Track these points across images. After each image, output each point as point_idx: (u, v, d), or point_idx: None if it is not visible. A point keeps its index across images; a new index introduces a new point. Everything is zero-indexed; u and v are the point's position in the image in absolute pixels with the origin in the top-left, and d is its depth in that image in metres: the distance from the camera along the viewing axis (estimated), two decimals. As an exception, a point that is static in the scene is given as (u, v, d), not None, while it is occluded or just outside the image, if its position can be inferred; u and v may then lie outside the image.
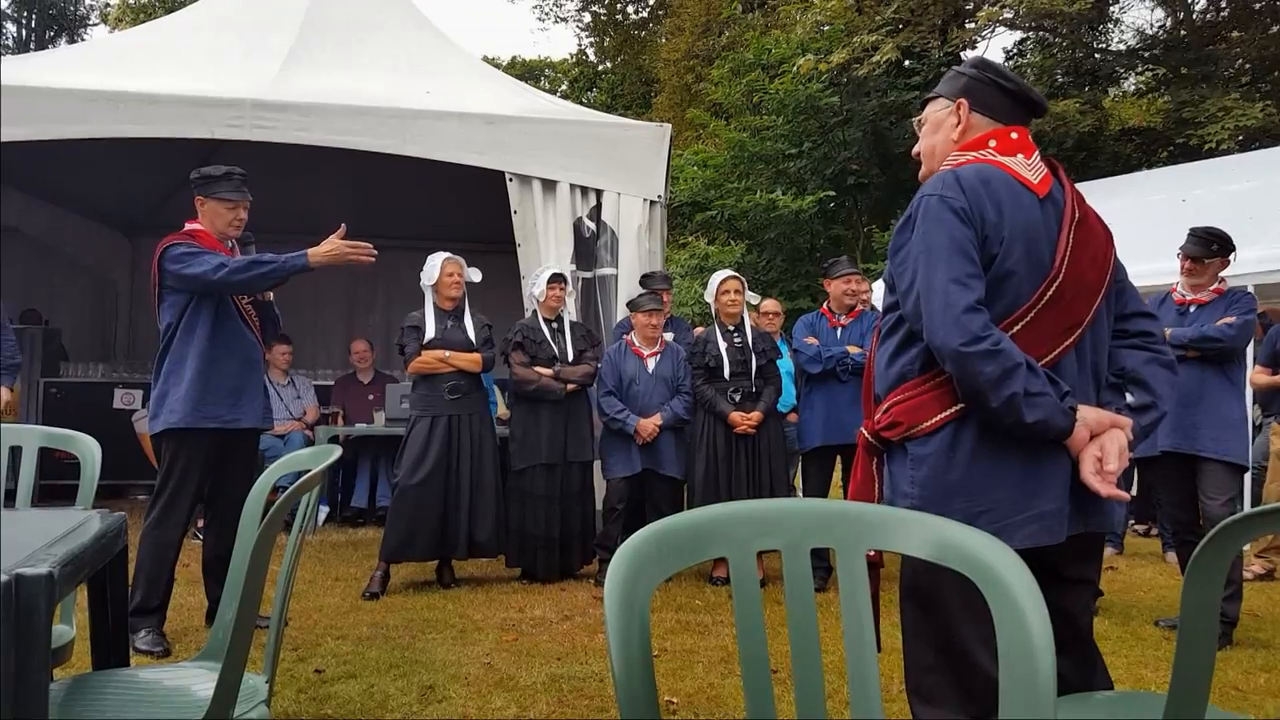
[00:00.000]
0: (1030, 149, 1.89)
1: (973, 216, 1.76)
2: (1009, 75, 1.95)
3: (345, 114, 5.44)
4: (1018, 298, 1.77)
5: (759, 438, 4.94)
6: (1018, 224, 1.78)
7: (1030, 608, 1.01)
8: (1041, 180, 1.85)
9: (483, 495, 4.81)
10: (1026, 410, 1.68)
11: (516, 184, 5.61)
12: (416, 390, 4.89)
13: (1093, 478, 1.71)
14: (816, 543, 1.12)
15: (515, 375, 4.99)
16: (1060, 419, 1.70)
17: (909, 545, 1.11)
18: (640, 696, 0.93)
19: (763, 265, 15.28)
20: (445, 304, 4.89)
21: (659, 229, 5.91)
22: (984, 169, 1.83)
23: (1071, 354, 1.81)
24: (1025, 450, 1.74)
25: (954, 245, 1.74)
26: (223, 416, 3.73)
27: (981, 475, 1.75)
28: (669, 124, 6.19)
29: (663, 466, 5.03)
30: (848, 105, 14.70)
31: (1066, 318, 1.79)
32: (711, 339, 5.07)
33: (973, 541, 1.06)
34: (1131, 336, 1.93)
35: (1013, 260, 1.76)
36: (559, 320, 5.12)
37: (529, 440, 4.95)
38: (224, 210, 3.83)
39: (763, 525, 1.10)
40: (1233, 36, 15.95)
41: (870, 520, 1.12)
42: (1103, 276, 1.85)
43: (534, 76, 26.42)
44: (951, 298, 1.71)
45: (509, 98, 6.38)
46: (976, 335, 1.68)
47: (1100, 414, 1.78)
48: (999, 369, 1.67)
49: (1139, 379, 1.89)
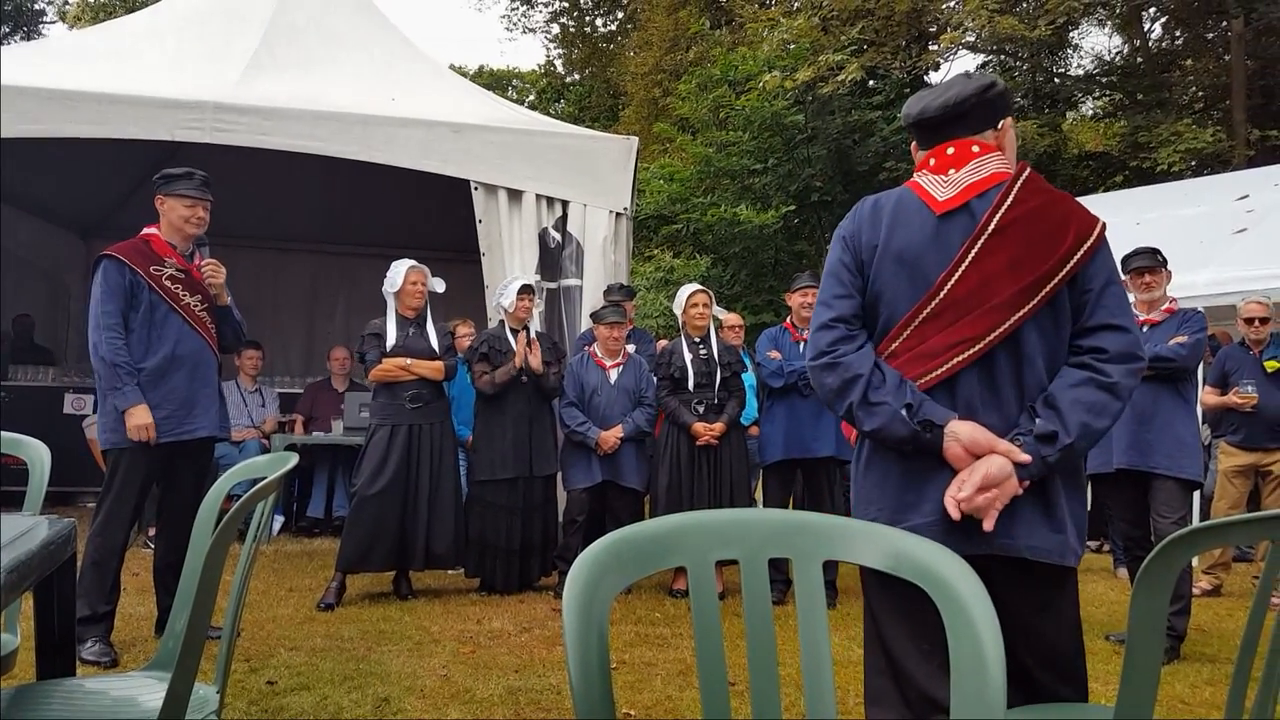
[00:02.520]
0: (967, 159, 1.86)
1: (853, 242, 1.90)
2: (903, 114, 2.03)
3: (308, 119, 5.40)
4: (892, 316, 1.84)
5: (721, 449, 4.97)
6: (895, 244, 1.84)
7: (981, 617, 1.03)
8: (955, 195, 1.82)
9: (442, 506, 4.78)
10: (864, 418, 1.79)
11: (482, 193, 5.60)
12: (377, 399, 4.85)
13: (948, 500, 1.73)
14: (775, 553, 1.13)
15: (477, 386, 4.98)
16: (899, 428, 1.75)
17: (864, 556, 1.13)
18: (598, 708, 0.93)
19: (727, 279, 15.36)
20: (407, 312, 4.86)
21: (625, 241, 5.92)
22: (892, 193, 1.93)
23: (971, 372, 1.78)
24: (909, 464, 1.80)
25: (830, 269, 1.92)
26: (174, 430, 3.66)
27: (872, 484, 1.86)
28: (636, 137, 6.22)
29: (623, 478, 5.04)
30: (812, 123, 14.85)
31: (955, 333, 1.77)
32: (677, 350, 5.10)
33: (925, 552, 1.08)
34: (1083, 353, 1.78)
35: (882, 280, 1.85)
36: (525, 331, 5.11)
37: (493, 452, 4.92)
38: (183, 208, 3.78)
39: (722, 535, 1.11)
40: (1186, 65, 16.41)
41: (827, 531, 1.14)
42: (1030, 287, 1.75)
43: (501, 86, 26.37)
44: (815, 318, 1.91)
45: (476, 107, 6.37)
46: (821, 350, 1.86)
47: (976, 434, 1.73)
48: (837, 380, 1.82)
49: (1052, 403, 1.75)
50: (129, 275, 3.65)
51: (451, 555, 4.82)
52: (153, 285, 3.67)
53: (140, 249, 3.74)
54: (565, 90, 27.35)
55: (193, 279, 3.79)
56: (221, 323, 3.91)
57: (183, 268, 3.78)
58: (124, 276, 3.64)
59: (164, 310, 3.69)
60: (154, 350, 3.66)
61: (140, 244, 3.76)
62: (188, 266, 3.80)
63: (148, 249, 3.75)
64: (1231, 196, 8.08)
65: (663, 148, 18.64)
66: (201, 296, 3.80)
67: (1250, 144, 13.85)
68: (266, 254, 8.88)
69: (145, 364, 3.64)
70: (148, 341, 3.66)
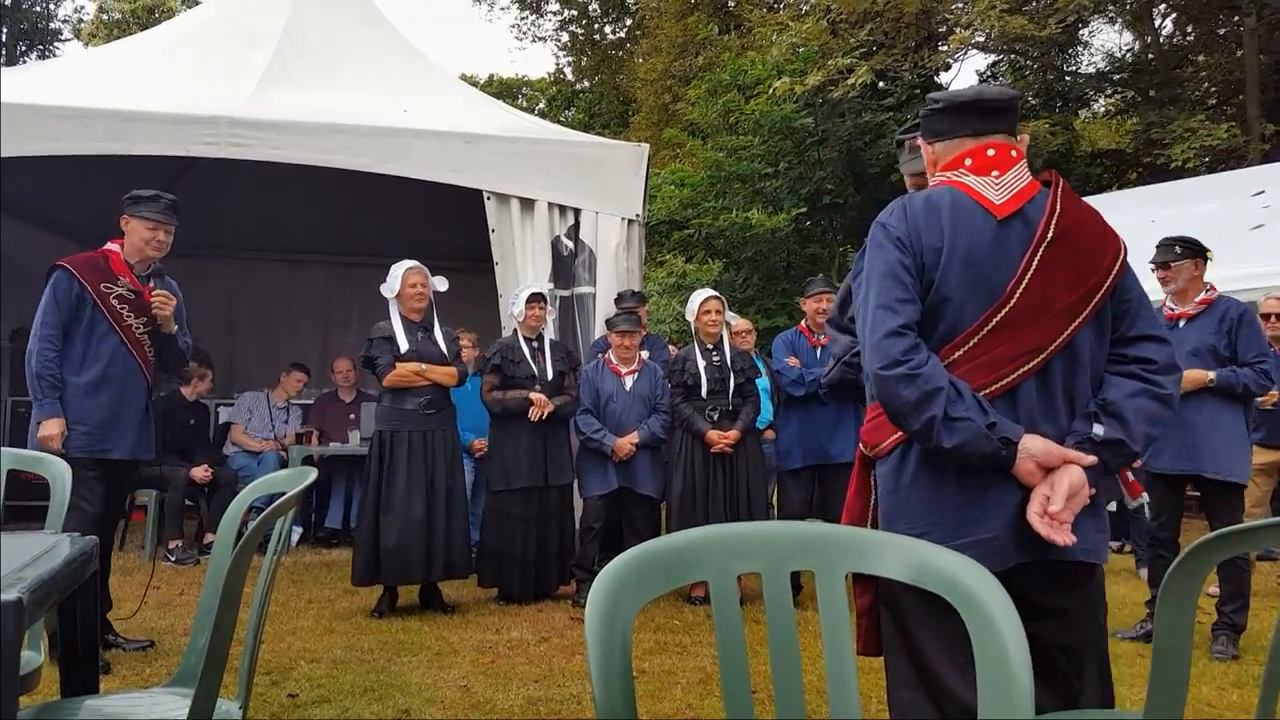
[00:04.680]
0: (1009, 163, 1.87)
1: (911, 243, 1.80)
2: (940, 96, 1.98)
3: (322, 132, 5.43)
4: (958, 323, 1.78)
5: (737, 457, 4.95)
6: (960, 248, 1.78)
7: (1007, 628, 1.02)
8: (1009, 200, 1.82)
9: (455, 514, 4.76)
10: (945, 435, 1.69)
11: (494, 203, 5.62)
12: (384, 404, 4.79)
13: (1035, 518, 1.69)
14: (796, 566, 1.13)
15: (485, 399, 4.97)
16: (983, 445, 1.69)
17: (887, 567, 1.12)
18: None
19: (739, 283, 15.36)
20: (412, 315, 4.80)
21: (637, 247, 5.92)
22: (940, 193, 1.85)
23: (1031, 381, 1.77)
24: (966, 477, 1.75)
25: (887, 271, 1.79)
26: (89, 447, 3.68)
27: (921, 499, 1.78)
28: (646, 143, 6.22)
29: (639, 485, 5.03)
30: (823, 126, 14.84)
31: (1021, 344, 1.76)
32: (690, 357, 5.09)
33: (950, 564, 1.07)
34: (1129, 363, 1.83)
35: (950, 285, 1.77)
36: (539, 339, 5.11)
37: (508, 462, 4.92)
38: (145, 230, 3.84)
39: (743, 548, 1.10)
40: (1199, 60, 16.31)
41: (850, 543, 1.13)
42: (1084, 297, 1.79)
43: (511, 95, 26.48)
44: (877, 322, 1.77)
45: (487, 116, 6.39)
46: (895, 359, 1.72)
47: (1049, 447, 1.73)
48: (916, 393, 1.70)
49: (1116, 412, 1.79)
50: (76, 288, 3.71)
51: (466, 564, 4.81)
52: (98, 302, 3.72)
53: (96, 264, 3.79)
54: (575, 97, 27.44)
55: (142, 301, 3.83)
56: (163, 349, 3.94)
57: (134, 289, 3.82)
58: (72, 289, 3.71)
59: (104, 328, 3.74)
60: (87, 366, 3.72)
61: (99, 258, 3.82)
62: (140, 288, 3.84)
63: (104, 265, 3.80)
64: (1247, 192, 8.02)
65: (673, 153, 18.66)
66: (147, 319, 3.84)
67: (1265, 139, 13.75)
68: (280, 266, 8.94)
69: (77, 378, 3.70)
70: (83, 356, 3.72)
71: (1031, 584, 1.76)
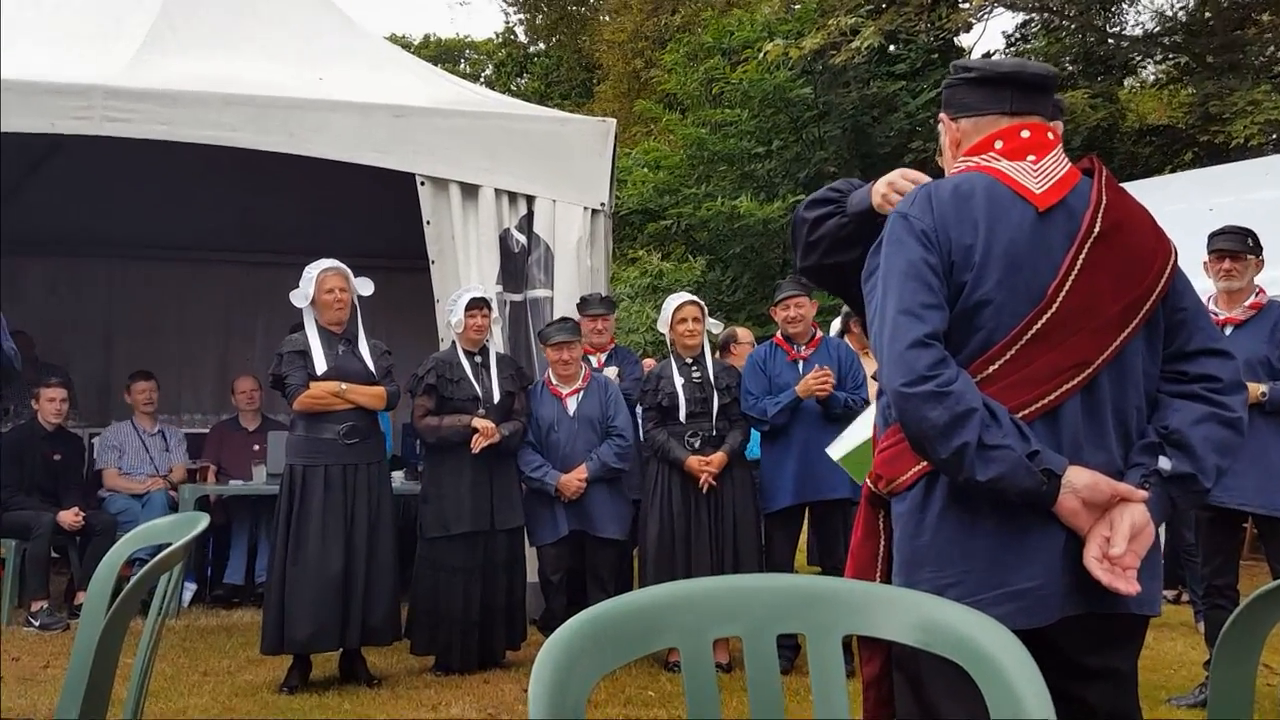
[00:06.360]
0: (1046, 147, 1.90)
1: (938, 238, 1.81)
2: (972, 63, 2.01)
3: (217, 104, 5.40)
4: (994, 331, 1.79)
5: (724, 492, 4.95)
6: (998, 244, 1.80)
7: (1030, 695, 1.03)
8: (1050, 188, 1.86)
9: (381, 566, 4.73)
10: (979, 465, 1.68)
11: (430, 189, 5.61)
12: (297, 432, 4.76)
13: (1094, 563, 1.70)
14: (784, 628, 1.13)
15: (417, 427, 4.93)
16: (1024, 479, 1.69)
17: (891, 628, 1.13)
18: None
19: (726, 284, 15.43)
20: (331, 326, 4.78)
21: (603, 242, 5.94)
22: (971, 179, 1.88)
23: (1075, 400, 1.79)
24: (1004, 515, 1.75)
25: (910, 271, 1.80)
26: None
27: (950, 541, 1.78)
28: (613, 118, 6.25)
29: (597, 528, 5.01)
30: (823, 97, 14.98)
31: (1066, 356, 1.78)
32: (665, 374, 5.09)
33: (964, 622, 1.08)
34: (1190, 381, 1.85)
35: (987, 287, 1.79)
36: (483, 354, 5.10)
37: (446, 503, 4.88)
38: None
39: (720, 609, 1.10)
40: (1263, 20, 16.62)
41: (846, 600, 1.14)
42: (1134, 304, 1.81)
43: (452, 59, 26.50)
44: (898, 331, 1.76)
45: (421, 86, 6.39)
46: (921, 374, 1.72)
47: (1096, 481, 1.74)
48: (946, 415, 1.69)
49: (1182, 442, 1.80)
50: None
51: (390, 627, 4.77)
52: None
53: None
54: (529, 63, 27.50)
55: None
56: None
57: None
58: None
59: None
60: None
61: None
62: None
63: None
64: (1321, 176, 8.17)
65: (646, 130, 18.76)
66: None
67: (1341, 113, 14.02)
68: (171, 267, 8.86)
69: None
70: None
71: (1078, 641, 1.78)
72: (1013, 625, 1.70)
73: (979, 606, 1.68)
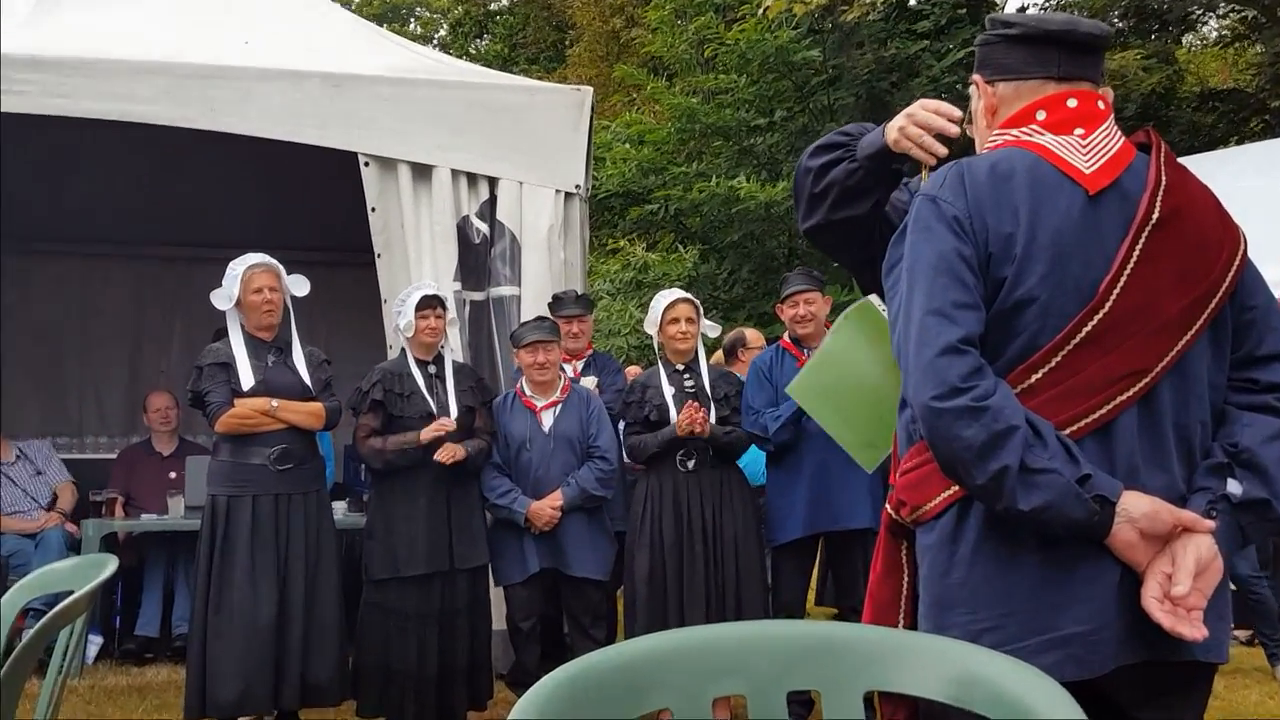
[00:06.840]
0: (1096, 119, 1.91)
1: (973, 226, 1.82)
2: (1014, 18, 2.02)
3: (125, 74, 5.39)
4: (1038, 335, 1.79)
5: (723, 518, 4.93)
6: (1044, 234, 1.80)
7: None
8: (1101, 167, 1.86)
9: (320, 614, 4.72)
10: (1021, 493, 1.68)
11: (375, 170, 5.62)
12: (220, 457, 4.76)
13: (1153, 605, 1.70)
14: (795, 684, 1.13)
15: (361, 450, 4.90)
16: (1074, 508, 1.69)
17: (919, 683, 1.13)
18: None
19: (723, 279, 15.44)
20: (259, 332, 4.79)
21: (578, 231, 5.95)
22: (1011, 156, 1.88)
23: (1131, 414, 1.79)
24: (1049, 548, 1.76)
25: (940, 264, 1.80)
26: None
27: (986, 579, 1.79)
28: (589, 86, 6.26)
29: (573, 565, 4.99)
30: (833, 60, 15.02)
31: (1120, 363, 1.78)
32: (652, 383, 5.10)
33: (1005, 675, 1.08)
34: (1262, 391, 1.87)
35: (1030, 284, 1.79)
36: (437, 363, 5.09)
37: (396, 539, 4.86)
38: None
39: (719, 662, 1.10)
40: (1342, -32, 16.80)
41: (867, 650, 1.14)
42: (1198, 302, 1.82)
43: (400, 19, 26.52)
44: (927, 334, 1.77)
45: (363, 50, 6.39)
46: (954, 385, 1.72)
47: (1156, 509, 1.73)
48: (983, 433, 1.69)
49: (1253, 462, 1.81)
50: None
51: (334, 685, 4.76)
52: None
53: None
54: (490, 22, 27.52)
55: None
56: None
57: None
58: None
59: None
60: None
61: None
62: None
63: None
64: None
65: (628, 99, 18.80)
66: None
67: None
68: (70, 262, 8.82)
69: None
70: None
71: (1135, 694, 1.79)
72: (1060, 676, 1.70)
73: (1021, 655, 1.65)
